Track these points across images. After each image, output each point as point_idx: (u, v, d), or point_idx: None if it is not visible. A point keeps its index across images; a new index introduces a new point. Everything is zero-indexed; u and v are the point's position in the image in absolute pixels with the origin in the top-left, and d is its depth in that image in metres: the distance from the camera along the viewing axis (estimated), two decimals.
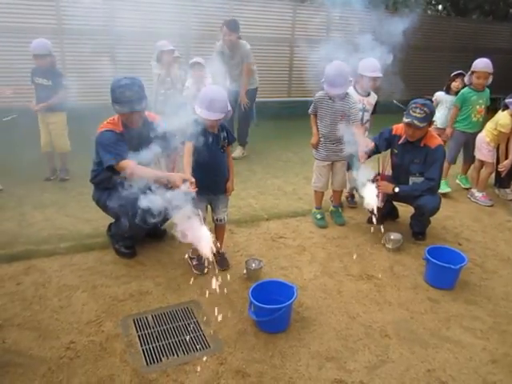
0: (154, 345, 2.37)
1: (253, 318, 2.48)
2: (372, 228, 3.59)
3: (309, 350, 2.37)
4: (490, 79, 4.47)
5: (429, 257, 2.94)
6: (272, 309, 2.40)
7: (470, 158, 4.84)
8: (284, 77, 8.81)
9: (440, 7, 13.53)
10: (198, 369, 2.20)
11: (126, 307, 2.66)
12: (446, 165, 4.67)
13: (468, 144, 4.72)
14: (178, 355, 2.31)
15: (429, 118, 3.26)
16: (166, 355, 2.30)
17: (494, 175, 4.79)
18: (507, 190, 4.75)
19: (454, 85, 4.81)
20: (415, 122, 3.22)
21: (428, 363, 2.31)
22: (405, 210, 3.93)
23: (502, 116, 4.34)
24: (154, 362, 2.26)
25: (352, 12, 8.39)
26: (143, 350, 2.33)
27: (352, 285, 3.00)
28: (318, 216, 3.86)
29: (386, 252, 3.45)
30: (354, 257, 3.32)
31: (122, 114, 2.92)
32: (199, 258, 3.04)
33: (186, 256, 3.14)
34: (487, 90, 4.60)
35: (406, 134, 3.39)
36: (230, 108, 2.80)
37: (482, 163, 4.64)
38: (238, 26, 5.20)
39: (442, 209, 4.20)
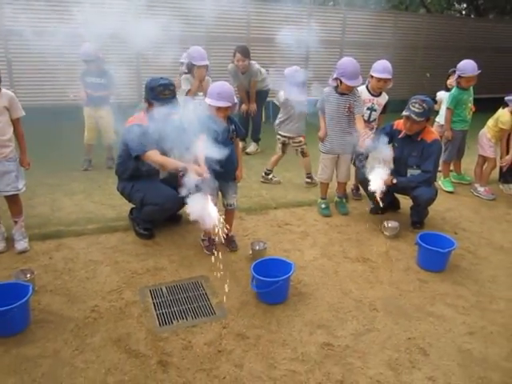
0: (166, 310, 2.71)
1: (254, 290, 2.79)
2: (371, 217, 3.85)
3: (302, 319, 2.66)
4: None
5: (419, 241, 3.18)
6: (270, 281, 2.70)
7: (461, 154, 5.06)
8: None
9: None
10: (204, 331, 2.52)
11: (144, 280, 3.01)
12: (445, 165, 4.87)
13: (462, 141, 4.93)
14: (187, 319, 2.64)
15: (426, 113, 3.49)
16: (177, 319, 2.63)
17: (498, 170, 4.95)
18: (511, 185, 4.90)
19: (449, 82, 5.04)
20: (413, 115, 3.47)
21: (409, 332, 2.57)
22: (407, 203, 4.15)
23: (502, 113, 4.51)
24: (166, 324, 2.59)
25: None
26: (157, 314, 2.67)
27: (348, 266, 3.27)
28: (323, 205, 4.14)
29: (384, 239, 3.69)
30: (352, 242, 3.59)
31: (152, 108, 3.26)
32: (210, 239, 3.37)
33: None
34: (471, 87, 4.76)
35: (404, 126, 3.63)
36: (236, 100, 3.13)
37: (485, 159, 4.81)
38: (249, 52, 5.64)
39: (443, 201, 4.44)
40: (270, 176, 4.93)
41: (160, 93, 3.24)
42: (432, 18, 10.17)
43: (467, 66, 4.56)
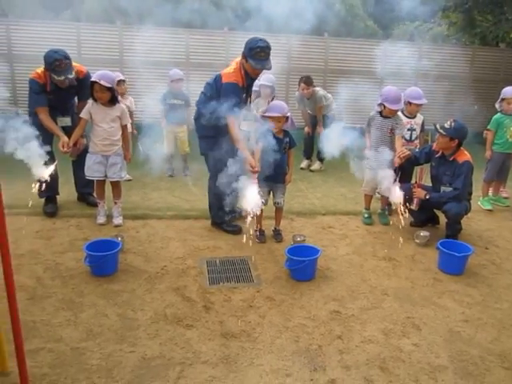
0: (216, 275, 3.47)
1: (286, 267, 3.45)
2: (406, 228, 4.29)
3: (322, 293, 3.25)
4: None
5: (439, 246, 3.61)
6: (299, 260, 3.34)
7: (504, 176, 5.30)
8: None
9: None
10: (242, 292, 3.23)
11: (203, 253, 3.82)
12: (484, 184, 5.16)
13: (504, 164, 5.19)
14: (230, 283, 3.37)
15: (452, 132, 3.96)
16: (223, 282, 3.38)
17: None
18: None
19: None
20: (439, 128, 3.98)
21: (410, 313, 3.04)
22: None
23: None
24: (214, 283, 3.35)
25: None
26: (209, 277, 3.44)
27: (374, 262, 3.78)
28: (366, 215, 4.66)
29: (415, 246, 4.13)
30: (384, 245, 4.08)
31: (252, 69, 3.79)
32: (261, 230, 4.10)
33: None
34: None
35: (437, 141, 4.11)
36: (288, 114, 3.87)
37: None
38: (312, 80, 6.36)
39: (485, 222, 4.77)
40: None
41: (257, 54, 3.69)
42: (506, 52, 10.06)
43: (508, 90, 5.01)
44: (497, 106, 5.17)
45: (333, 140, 4.15)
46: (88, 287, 3.19)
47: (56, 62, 3.81)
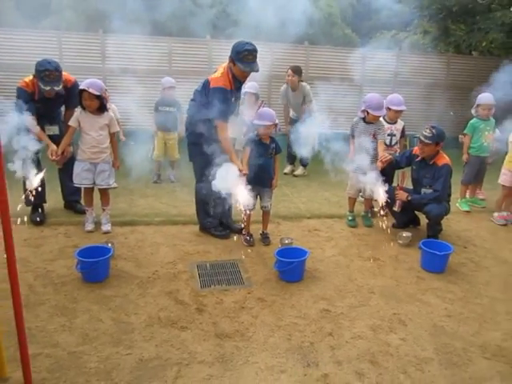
0: (207, 278, 3.53)
1: (275, 269, 3.54)
2: (388, 230, 4.45)
3: (311, 293, 3.36)
4: (493, 110, 5.22)
5: (421, 245, 3.76)
6: (287, 262, 3.44)
7: (479, 179, 5.55)
8: None
9: None
10: (233, 294, 3.31)
11: (193, 258, 3.88)
12: (462, 187, 5.39)
13: (480, 167, 5.43)
14: (221, 285, 3.44)
15: (435, 138, 4.13)
16: (214, 284, 3.45)
17: None
18: None
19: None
20: (422, 138, 4.16)
21: (396, 310, 3.17)
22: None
23: None
24: (206, 286, 3.41)
25: None
26: (200, 280, 3.50)
27: (359, 263, 3.91)
28: (350, 218, 4.80)
29: (398, 246, 4.27)
30: (369, 246, 4.22)
31: (240, 72, 3.85)
32: (249, 234, 4.19)
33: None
34: (492, 119, 5.32)
35: (418, 148, 4.28)
36: (277, 121, 3.98)
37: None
38: (300, 70, 6.48)
39: (464, 223, 4.97)
40: None
41: (245, 57, 3.76)
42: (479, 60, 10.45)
43: (483, 96, 5.26)
44: (473, 111, 5.40)
45: (304, 140, 4.34)
46: (80, 293, 3.21)
47: (46, 71, 3.84)
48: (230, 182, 3.61)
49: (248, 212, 3.72)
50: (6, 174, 1.99)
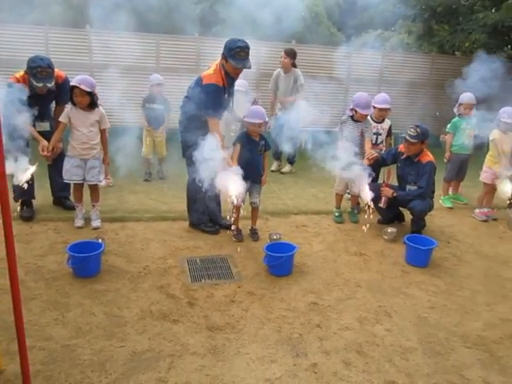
0: (197, 273, 3.59)
1: (265, 264, 3.61)
2: (367, 225, 4.56)
3: (299, 287, 3.44)
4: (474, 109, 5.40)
5: (406, 240, 3.88)
6: (277, 256, 3.52)
7: (461, 176, 5.69)
8: None
9: None
10: (224, 288, 3.37)
11: (183, 253, 3.93)
12: (444, 184, 5.55)
13: (462, 164, 5.57)
14: (212, 280, 3.50)
15: (420, 136, 4.25)
16: (205, 279, 3.51)
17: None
18: None
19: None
20: (408, 137, 4.26)
21: (381, 303, 3.28)
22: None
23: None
24: (196, 281, 3.47)
25: None
26: (191, 275, 3.56)
27: (346, 257, 4.01)
28: (336, 214, 4.91)
29: (383, 241, 4.39)
30: (355, 242, 4.33)
31: (232, 69, 3.89)
32: (238, 229, 4.25)
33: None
34: (473, 118, 5.45)
35: (404, 147, 4.39)
36: (267, 119, 4.05)
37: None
38: (294, 53, 6.56)
39: (446, 219, 5.09)
40: None
41: (237, 53, 3.82)
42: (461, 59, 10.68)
43: (464, 95, 5.43)
44: (455, 110, 5.56)
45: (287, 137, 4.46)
46: (72, 288, 3.24)
47: (38, 68, 3.84)
48: (222, 173, 3.68)
49: (238, 204, 3.78)
50: None
